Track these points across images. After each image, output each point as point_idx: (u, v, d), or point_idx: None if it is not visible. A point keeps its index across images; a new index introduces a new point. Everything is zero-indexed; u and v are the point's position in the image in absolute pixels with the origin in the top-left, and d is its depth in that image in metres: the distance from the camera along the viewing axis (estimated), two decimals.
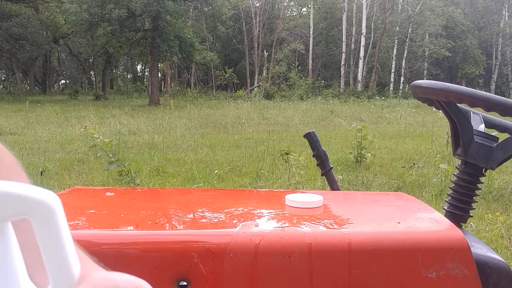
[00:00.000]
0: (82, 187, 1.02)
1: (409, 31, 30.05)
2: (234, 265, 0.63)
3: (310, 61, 31.91)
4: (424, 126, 10.37)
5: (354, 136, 5.80)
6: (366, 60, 29.88)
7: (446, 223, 0.76)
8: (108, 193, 0.94)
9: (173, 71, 34.74)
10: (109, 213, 0.78)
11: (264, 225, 0.71)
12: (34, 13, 28.40)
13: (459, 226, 0.99)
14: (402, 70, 30.18)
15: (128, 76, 43.53)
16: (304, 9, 37.20)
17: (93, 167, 5.10)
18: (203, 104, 18.03)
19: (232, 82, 31.57)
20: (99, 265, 0.50)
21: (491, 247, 1.71)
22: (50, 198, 0.39)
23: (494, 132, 1.02)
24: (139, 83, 38.87)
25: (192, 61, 23.96)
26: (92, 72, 36.86)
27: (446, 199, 1.06)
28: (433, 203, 3.75)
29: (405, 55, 30.23)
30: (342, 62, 30.25)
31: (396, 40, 30.21)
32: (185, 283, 0.62)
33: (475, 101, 0.91)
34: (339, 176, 4.72)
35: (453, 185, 1.04)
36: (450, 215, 1.03)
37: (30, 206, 0.38)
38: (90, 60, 32.44)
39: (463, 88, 0.94)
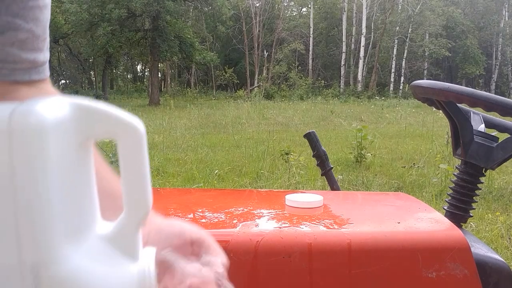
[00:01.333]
0: None
1: (409, 31, 30.05)
2: (234, 265, 0.63)
3: (310, 61, 31.91)
4: (424, 126, 10.37)
5: (354, 136, 5.80)
6: (366, 60, 29.88)
7: (446, 223, 0.76)
8: None
9: (173, 71, 34.74)
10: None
11: (264, 225, 0.71)
12: None
13: (459, 226, 0.99)
14: (402, 70, 30.18)
15: (128, 76, 43.51)
16: (304, 9, 37.21)
17: None
18: (203, 104, 18.03)
19: (232, 82, 31.57)
20: None
21: (491, 247, 1.71)
22: (140, 124, 0.40)
23: (494, 132, 1.02)
24: (139, 83, 38.87)
25: (192, 61, 23.96)
26: (92, 72, 36.88)
27: (446, 199, 1.06)
28: (433, 203, 3.75)
29: (405, 55, 30.22)
30: (342, 62, 30.24)
31: (396, 40, 30.20)
32: None
33: (475, 101, 0.91)
34: (339, 176, 4.72)
35: (453, 185, 1.04)
36: (450, 215, 1.03)
37: (121, 128, 0.39)
38: (90, 60, 32.42)
39: (463, 88, 0.94)
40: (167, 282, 0.47)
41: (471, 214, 1.04)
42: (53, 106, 0.38)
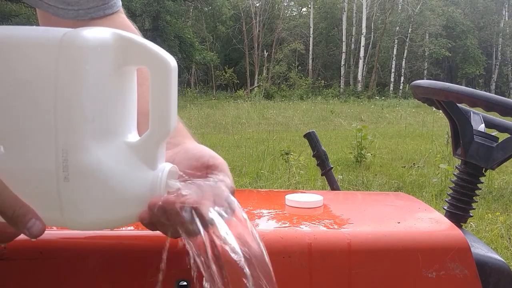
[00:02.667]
0: None
1: (409, 31, 30.04)
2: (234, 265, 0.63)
3: (310, 61, 31.90)
4: (424, 126, 10.37)
5: (354, 136, 5.80)
6: (366, 60, 29.87)
7: (446, 223, 0.76)
8: None
9: None
10: None
11: (264, 225, 0.71)
12: (34, 13, 28.39)
13: (459, 226, 0.99)
14: (402, 70, 30.16)
15: None
16: (304, 9, 37.19)
17: None
18: (203, 104, 18.02)
19: (232, 82, 31.55)
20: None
21: (491, 247, 1.71)
22: (171, 59, 0.49)
23: (494, 132, 1.02)
24: None
25: (192, 61, 23.97)
26: None
27: (446, 199, 1.06)
28: (433, 203, 3.75)
29: (405, 55, 30.21)
30: (342, 62, 30.23)
31: (396, 40, 30.20)
32: (185, 283, 0.62)
33: (475, 101, 0.91)
34: (339, 176, 4.72)
35: (453, 185, 1.04)
36: (450, 215, 1.03)
37: (153, 60, 0.48)
38: None
39: (463, 88, 0.94)
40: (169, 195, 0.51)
41: (471, 214, 1.04)
42: (98, 33, 0.48)
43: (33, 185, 0.48)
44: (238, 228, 0.50)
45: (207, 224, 0.49)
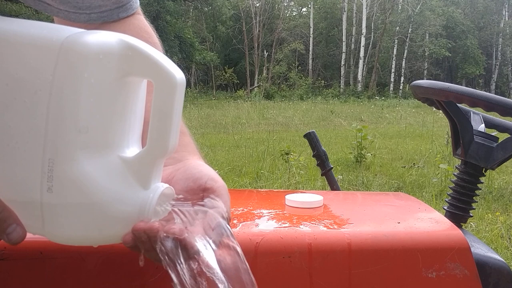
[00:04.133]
0: None
1: (409, 31, 30.03)
2: None
3: (310, 61, 31.89)
4: (424, 126, 10.37)
5: (354, 136, 5.80)
6: (366, 60, 29.86)
7: (446, 223, 0.76)
8: None
9: None
10: None
11: (264, 225, 0.71)
12: (34, 13, 28.45)
13: (459, 226, 0.99)
14: (402, 70, 30.15)
15: None
16: (304, 9, 37.18)
17: None
18: (203, 104, 18.01)
19: (232, 82, 31.54)
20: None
21: (491, 247, 1.71)
22: (178, 73, 0.45)
23: (494, 132, 1.02)
24: None
25: (192, 61, 23.97)
26: None
27: (446, 199, 1.06)
28: (433, 203, 3.75)
29: (405, 55, 30.21)
30: (342, 62, 30.22)
31: (396, 40, 30.19)
32: None
33: (475, 101, 0.91)
34: (339, 176, 4.72)
35: (453, 185, 1.04)
36: (450, 215, 1.03)
37: (159, 73, 0.45)
38: None
39: (463, 88, 0.94)
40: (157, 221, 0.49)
41: (471, 214, 1.04)
42: (102, 39, 0.45)
43: (18, 191, 0.45)
44: (227, 260, 0.48)
45: (192, 255, 0.46)
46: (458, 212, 1.02)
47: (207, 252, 0.46)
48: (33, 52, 0.44)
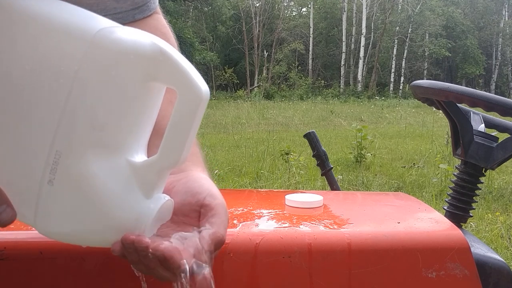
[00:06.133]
0: None
1: (409, 31, 30.04)
2: (234, 265, 0.63)
3: (310, 61, 31.88)
4: (424, 126, 10.37)
5: (354, 136, 5.80)
6: (366, 60, 29.86)
7: (446, 223, 0.76)
8: None
9: None
10: None
11: (264, 225, 0.71)
12: None
13: (459, 226, 0.99)
14: (402, 70, 30.15)
15: None
16: (304, 9, 37.17)
17: None
18: None
19: (232, 82, 31.54)
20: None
21: (491, 247, 1.71)
22: (203, 89, 0.44)
23: (494, 132, 1.02)
24: None
25: (192, 61, 23.79)
26: None
27: (446, 199, 1.06)
28: (433, 203, 3.75)
29: (405, 55, 30.20)
30: (342, 62, 30.21)
31: (396, 40, 30.19)
32: None
33: (475, 101, 0.91)
34: (339, 176, 4.72)
35: (453, 185, 1.04)
36: (450, 215, 1.03)
37: (184, 85, 0.43)
38: None
39: (463, 88, 0.94)
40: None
41: (471, 214, 1.04)
42: (136, 38, 0.43)
43: (17, 176, 0.44)
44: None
45: (176, 275, 0.46)
46: (458, 212, 1.02)
47: (188, 276, 0.46)
48: (63, 38, 0.42)
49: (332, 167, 1.24)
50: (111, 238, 0.46)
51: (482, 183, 1.04)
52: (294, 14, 37.63)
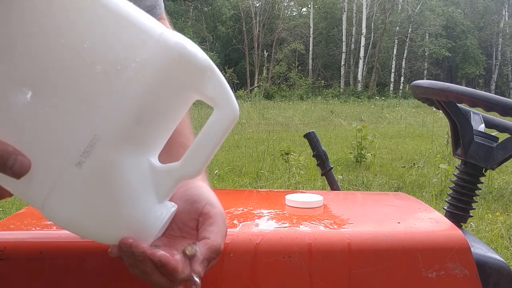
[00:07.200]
0: None
1: (409, 31, 30.03)
2: (234, 265, 0.63)
3: (310, 61, 31.88)
4: (424, 126, 10.36)
5: (354, 136, 5.80)
6: (366, 60, 29.85)
7: (446, 223, 0.76)
8: None
9: None
10: None
11: (264, 225, 0.71)
12: None
13: (459, 226, 0.99)
14: (402, 70, 30.14)
15: None
16: (304, 9, 37.16)
17: None
18: (203, 104, 17.84)
19: (232, 82, 31.50)
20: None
21: (491, 247, 1.71)
22: (238, 112, 0.46)
23: (494, 132, 1.02)
24: None
25: None
26: None
27: (446, 199, 1.06)
28: (433, 203, 3.75)
29: (405, 55, 30.20)
30: (342, 62, 30.21)
31: (396, 40, 30.18)
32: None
33: (475, 101, 0.91)
34: (339, 176, 4.72)
35: (453, 185, 1.04)
36: (450, 215, 1.03)
37: (224, 103, 0.45)
38: None
39: (463, 88, 0.94)
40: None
41: (471, 214, 1.04)
42: (196, 50, 0.45)
43: (44, 150, 0.43)
44: None
45: (172, 282, 0.46)
46: (458, 212, 1.02)
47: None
48: (131, 30, 0.43)
49: (332, 167, 1.24)
50: (115, 236, 0.46)
51: (482, 183, 1.04)
52: (294, 14, 37.62)
